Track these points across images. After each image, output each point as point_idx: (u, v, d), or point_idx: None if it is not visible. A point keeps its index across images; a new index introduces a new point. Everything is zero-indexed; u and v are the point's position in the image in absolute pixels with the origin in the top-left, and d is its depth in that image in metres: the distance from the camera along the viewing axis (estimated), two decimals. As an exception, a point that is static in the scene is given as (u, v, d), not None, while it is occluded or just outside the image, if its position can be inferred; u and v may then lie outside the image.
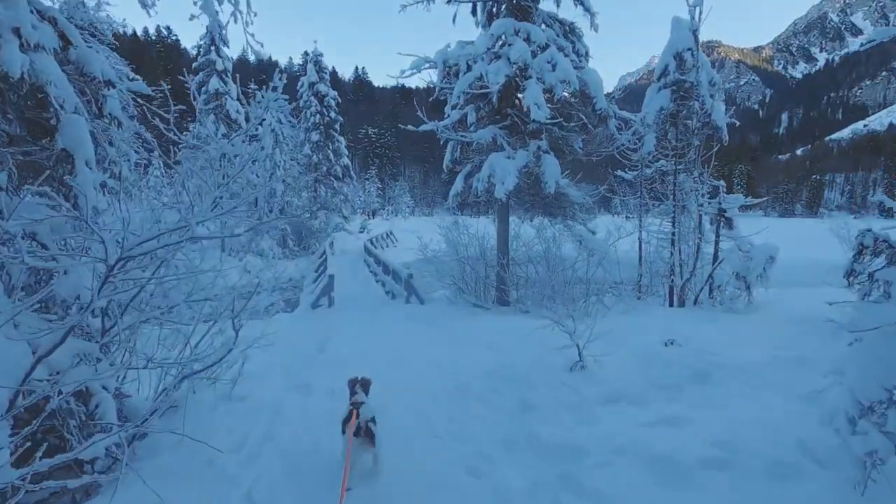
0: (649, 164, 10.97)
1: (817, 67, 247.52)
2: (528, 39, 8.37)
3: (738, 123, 9.52)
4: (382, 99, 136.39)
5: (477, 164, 9.63)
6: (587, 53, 9.05)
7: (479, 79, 8.35)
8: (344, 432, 3.23)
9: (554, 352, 5.81)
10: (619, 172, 11.21)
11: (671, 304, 10.15)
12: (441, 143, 9.80)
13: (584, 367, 5.14)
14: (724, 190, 9.98)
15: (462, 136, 8.77)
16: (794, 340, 7.06)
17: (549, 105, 8.75)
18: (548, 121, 7.95)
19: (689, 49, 9.59)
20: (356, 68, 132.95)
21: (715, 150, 9.80)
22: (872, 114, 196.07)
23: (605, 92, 8.82)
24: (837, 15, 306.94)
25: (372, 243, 23.26)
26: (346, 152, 26.24)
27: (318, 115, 24.57)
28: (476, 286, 10.24)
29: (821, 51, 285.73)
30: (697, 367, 5.36)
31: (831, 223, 20.60)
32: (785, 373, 5.19)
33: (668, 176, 10.73)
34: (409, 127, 9.25)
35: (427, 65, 8.67)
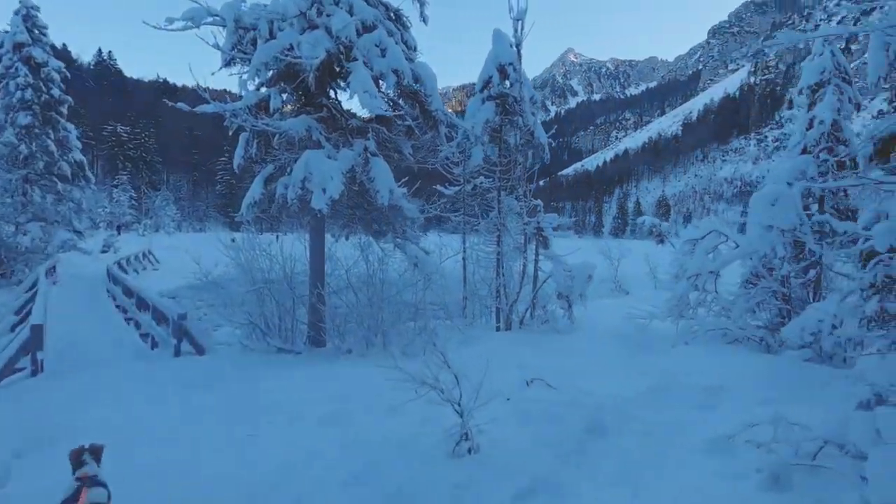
0: (470, 178, 10.40)
1: (550, 117, 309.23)
2: (350, 12, 6.68)
3: (553, 143, 9.62)
4: (137, 92, 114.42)
5: (285, 164, 7.39)
6: (416, 48, 7.84)
7: (289, 51, 6.26)
8: None
9: (420, 422, 4.17)
10: (439, 187, 10.35)
11: (499, 328, 9.61)
12: (231, 133, 7.24)
13: (477, 449, 3.62)
14: (542, 209, 9.98)
15: (265, 124, 6.48)
16: (634, 362, 7.05)
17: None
18: (385, 113, 6.36)
19: (510, 63, 9.30)
20: (99, 51, 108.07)
21: (537, 167, 9.72)
22: (586, 157, 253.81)
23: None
24: (562, 77, 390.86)
25: (121, 266, 17.74)
26: (79, 145, 19.64)
27: (29, 90, 17.65)
28: (281, 323, 7.86)
29: (552, 104, 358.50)
30: (586, 417, 4.43)
31: (589, 242, 24.27)
32: (666, 414, 4.64)
33: (490, 193, 10.31)
34: (180, 105, 6.48)
35: (209, 19, 6.15)
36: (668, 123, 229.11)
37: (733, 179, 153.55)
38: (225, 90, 6.89)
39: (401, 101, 7.56)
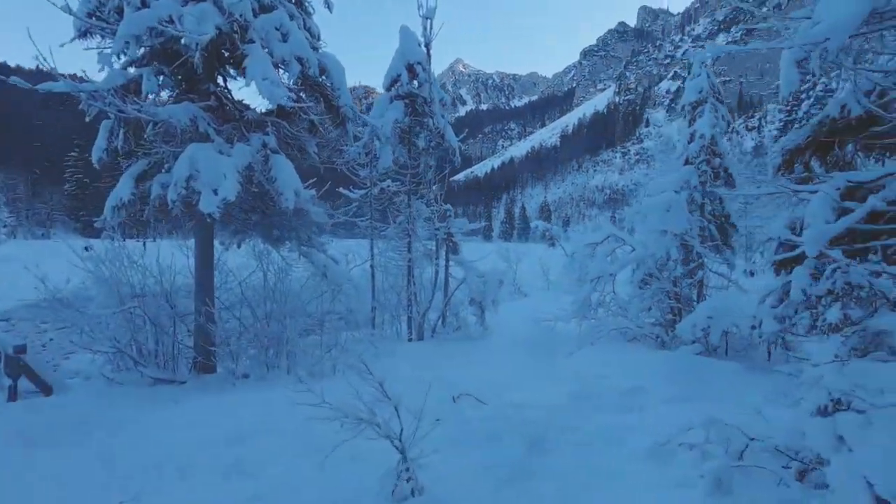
0: (377, 181, 9.87)
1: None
2: (245, -12, 5.82)
3: (463, 147, 9.48)
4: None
5: (162, 159, 6.23)
6: (319, 36, 7.13)
7: (168, 23, 5.24)
8: None
9: (349, 461, 3.59)
10: (343, 190, 9.68)
11: (411, 338, 9.20)
12: (87, 120, 5.92)
13: (421, 491, 3.16)
14: (452, 214, 9.80)
15: (137, 110, 5.35)
16: (549, 367, 7.07)
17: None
18: (288, 104, 5.61)
19: (419, 62, 8.99)
20: None
21: (447, 171, 9.50)
22: (475, 164, 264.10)
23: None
24: (452, 86, 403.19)
25: (-72, 284, 14.12)
26: None
27: None
28: (158, 349, 6.62)
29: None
30: (523, 433, 4.23)
31: (485, 246, 24.89)
32: (595, 421, 4.60)
33: (398, 197, 9.89)
34: (15, 81, 5.10)
35: (58, -25, 4.91)
36: (548, 135, 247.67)
37: (603, 187, 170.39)
38: (80, 74, 5.56)
39: (303, 95, 6.82)
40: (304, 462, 3.74)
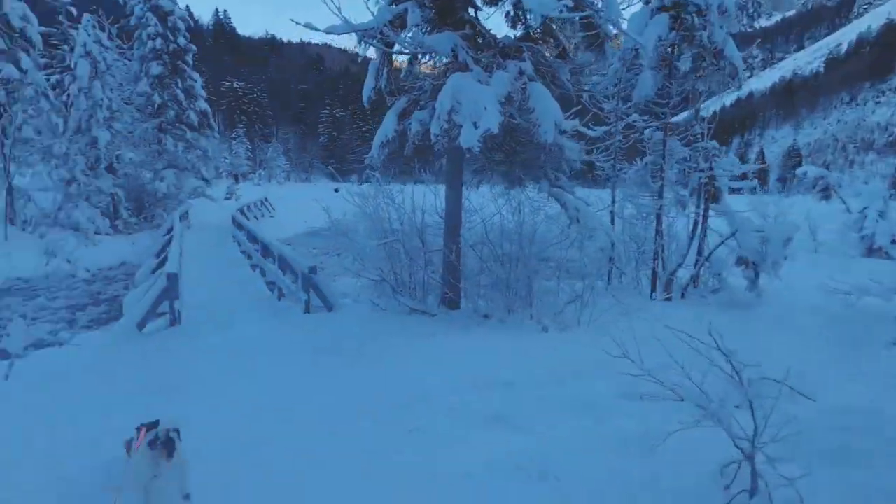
0: (623, 116, 8.62)
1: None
2: None
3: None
4: (249, 50, 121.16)
5: (419, 96, 6.28)
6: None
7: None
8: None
9: (634, 441, 2.99)
10: (580, 128, 8.70)
11: (654, 296, 8.07)
12: (360, 60, 6.22)
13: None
14: (720, 153, 8.01)
15: (406, 42, 5.33)
16: (868, 359, 5.27)
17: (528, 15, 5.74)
18: (560, 15, 4.90)
19: (694, -40, 7.19)
20: (216, 11, 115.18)
21: (724, 98, 7.69)
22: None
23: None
24: None
25: (243, 213, 18.43)
26: (204, 94, 20.32)
27: (159, 40, 18.30)
28: (412, 281, 7.04)
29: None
30: None
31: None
32: None
33: (642, 134, 8.50)
34: (308, 25, 5.52)
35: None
36: (806, 60, 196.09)
37: (889, 125, 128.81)
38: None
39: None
40: (575, 419, 3.27)
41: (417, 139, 6.15)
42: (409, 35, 5.49)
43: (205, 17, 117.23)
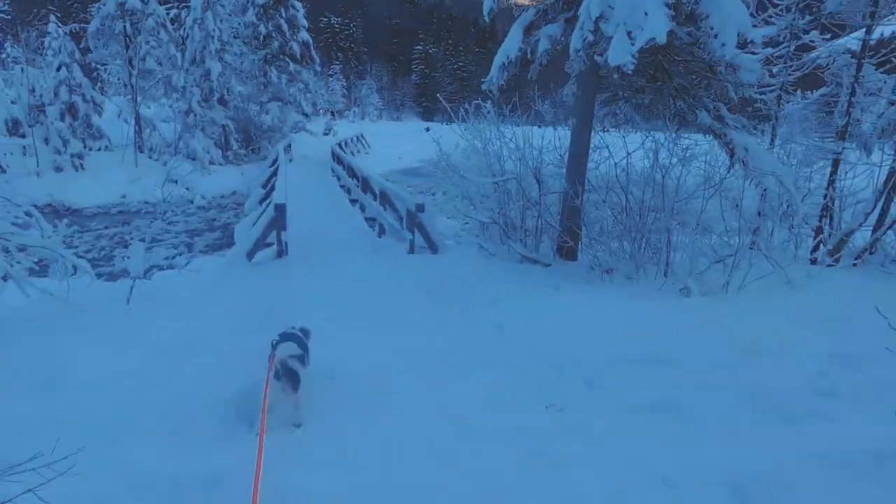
0: (802, 32, 6.85)
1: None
2: None
3: None
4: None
5: (548, 7, 5.25)
6: None
7: None
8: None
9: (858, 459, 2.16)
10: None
11: (814, 261, 6.66)
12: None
13: None
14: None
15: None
16: None
17: None
18: None
19: None
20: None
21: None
22: None
23: None
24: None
25: (341, 148, 18.51)
26: (306, 24, 20.15)
27: (263, -33, 18.16)
28: (524, 226, 6.32)
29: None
30: None
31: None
32: None
33: (824, 51, 6.72)
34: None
35: None
36: None
37: None
38: None
39: None
40: (769, 423, 2.47)
41: (545, 59, 5.20)
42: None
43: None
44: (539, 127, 6.69)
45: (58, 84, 14.33)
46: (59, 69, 14.33)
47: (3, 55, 17.94)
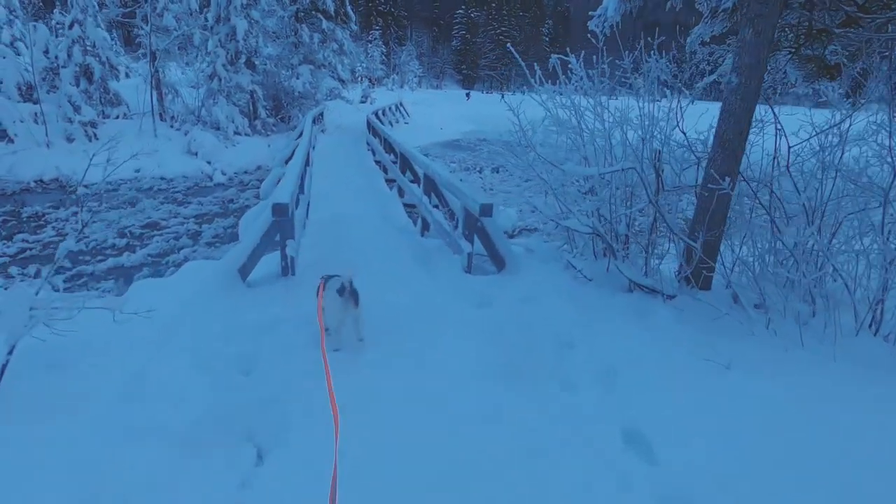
0: None
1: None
2: None
3: None
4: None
5: None
6: None
7: None
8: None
9: None
10: None
11: None
12: None
13: None
14: None
15: None
16: None
17: None
18: None
19: None
20: None
21: None
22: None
23: None
24: None
25: (377, 117, 16.67)
26: (340, -24, 18.13)
27: None
28: (630, 237, 4.37)
29: None
30: None
31: None
32: None
33: None
34: None
35: None
36: None
37: None
38: None
39: None
40: None
41: None
42: None
43: None
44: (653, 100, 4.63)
45: (71, 43, 13.02)
46: (71, 26, 12.98)
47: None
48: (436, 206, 6.14)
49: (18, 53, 13.43)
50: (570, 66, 4.62)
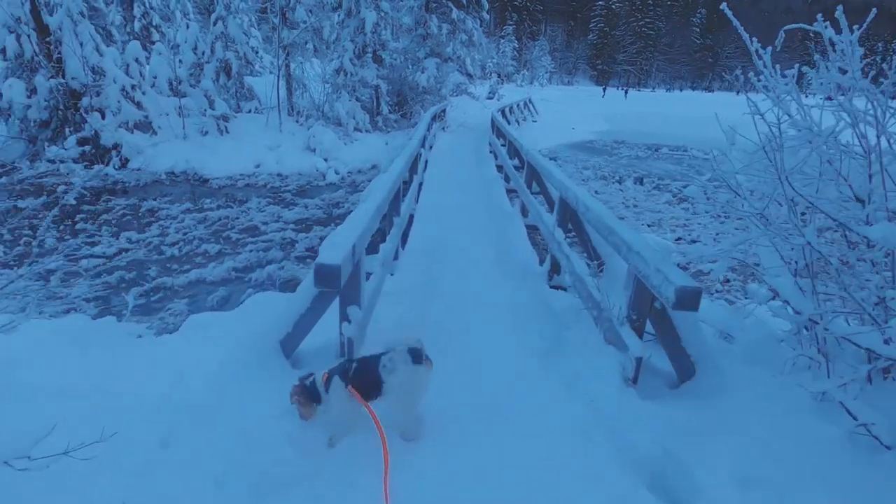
0: None
1: None
2: None
3: None
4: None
5: None
6: None
7: None
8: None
9: None
10: None
11: None
12: None
13: None
14: None
15: None
16: None
17: None
18: None
19: None
20: None
21: None
22: None
23: None
24: None
25: (504, 115, 15.12)
26: (474, -40, 16.81)
27: None
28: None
29: None
30: None
31: None
32: None
33: None
34: None
35: None
36: None
37: None
38: None
39: None
40: None
41: None
42: None
43: None
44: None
45: (214, 39, 13.49)
46: (215, 23, 13.44)
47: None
48: (569, 234, 4.44)
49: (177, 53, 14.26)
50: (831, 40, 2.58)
